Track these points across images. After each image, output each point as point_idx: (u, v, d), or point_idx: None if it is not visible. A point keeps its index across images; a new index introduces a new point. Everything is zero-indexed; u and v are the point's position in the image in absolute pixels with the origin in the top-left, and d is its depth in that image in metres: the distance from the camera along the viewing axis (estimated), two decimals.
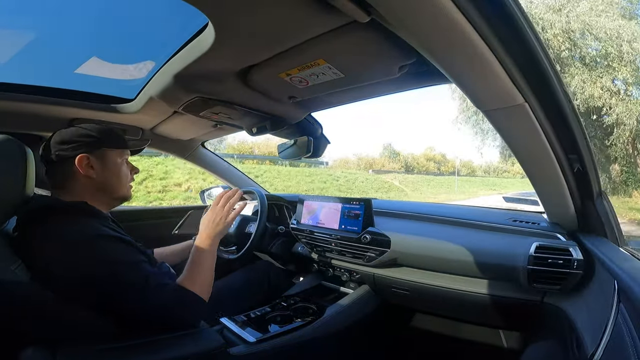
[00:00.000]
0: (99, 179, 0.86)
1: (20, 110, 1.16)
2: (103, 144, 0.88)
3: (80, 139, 0.84)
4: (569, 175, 0.82)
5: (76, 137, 0.84)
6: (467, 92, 0.67)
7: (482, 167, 37.00)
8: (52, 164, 0.83)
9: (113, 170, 0.90)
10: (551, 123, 0.68)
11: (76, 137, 0.84)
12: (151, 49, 1.00)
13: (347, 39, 0.67)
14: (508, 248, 0.99)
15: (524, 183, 18.10)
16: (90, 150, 0.85)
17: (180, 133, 1.59)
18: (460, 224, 1.19)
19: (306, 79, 0.87)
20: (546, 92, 0.62)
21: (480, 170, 35.90)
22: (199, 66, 0.84)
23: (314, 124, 1.35)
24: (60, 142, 0.83)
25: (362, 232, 1.22)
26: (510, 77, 0.58)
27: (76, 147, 0.83)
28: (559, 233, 0.98)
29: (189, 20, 0.77)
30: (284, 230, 1.58)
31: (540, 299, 0.96)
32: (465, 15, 0.46)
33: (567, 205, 0.91)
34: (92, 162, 0.85)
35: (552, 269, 0.89)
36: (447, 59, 0.58)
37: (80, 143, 0.84)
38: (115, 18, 0.98)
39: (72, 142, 0.83)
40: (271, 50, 0.76)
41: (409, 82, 0.91)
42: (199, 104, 1.07)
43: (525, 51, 0.54)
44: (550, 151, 0.74)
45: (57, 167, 0.84)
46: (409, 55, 0.72)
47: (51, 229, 0.74)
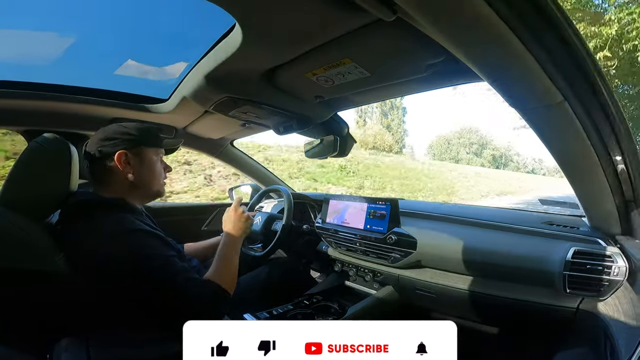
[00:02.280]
0: (135, 175, 0.91)
1: (66, 110, 1.24)
2: (141, 142, 0.92)
3: (121, 136, 0.90)
4: (611, 177, 0.76)
5: (117, 135, 0.90)
6: (501, 90, 0.64)
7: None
8: (94, 159, 0.89)
9: (149, 167, 0.94)
10: (593, 122, 0.64)
11: (117, 134, 0.90)
12: (183, 50, 1.05)
13: (373, 38, 0.66)
14: (542, 252, 0.95)
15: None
16: (129, 147, 0.90)
17: (210, 132, 1.64)
18: (490, 227, 1.14)
19: (332, 78, 0.87)
20: (587, 89, 0.58)
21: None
22: (227, 67, 0.86)
23: (339, 122, 1.35)
24: (102, 139, 0.89)
25: (388, 232, 1.21)
26: (547, 73, 0.54)
27: (116, 143, 0.88)
28: (599, 238, 0.92)
29: (218, 21, 0.80)
30: (309, 228, 1.59)
31: (577, 306, 0.91)
32: (495, 10, 0.44)
33: (609, 208, 0.85)
34: (129, 158, 0.90)
35: (590, 275, 0.84)
36: (478, 57, 0.56)
37: (120, 140, 0.89)
38: (150, 21, 1.03)
39: (113, 138, 0.89)
40: (297, 50, 0.77)
41: (438, 80, 0.88)
42: (228, 104, 1.10)
43: (562, 46, 0.51)
44: (592, 151, 0.69)
45: (98, 163, 0.89)
46: (438, 53, 0.70)
47: (91, 223, 0.79)
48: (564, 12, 0.48)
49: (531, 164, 53.17)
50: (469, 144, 46.83)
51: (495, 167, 41.14)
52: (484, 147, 47.74)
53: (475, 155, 45.88)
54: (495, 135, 61.20)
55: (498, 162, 47.10)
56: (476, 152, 46.64)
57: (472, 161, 42.36)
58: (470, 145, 46.76)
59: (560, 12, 0.47)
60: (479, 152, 46.81)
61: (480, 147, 47.36)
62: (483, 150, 47.23)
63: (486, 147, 47.90)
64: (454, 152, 45.43)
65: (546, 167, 50.84)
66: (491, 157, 46.79)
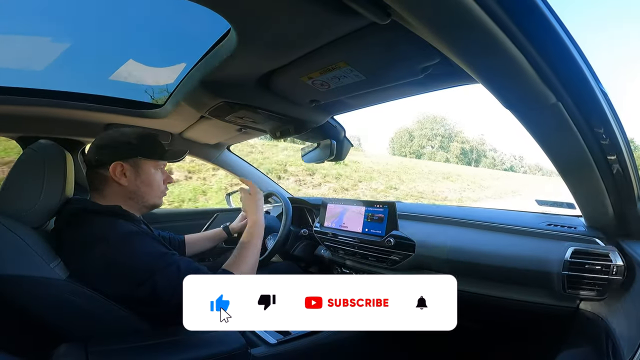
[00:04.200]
0: (130, 187, 0.88)
1: (60, 116, 1.24)
2: (139, 153, 0.89)
3: (118, 145, 0.87)
4: (607, 177, 0.77)
5: (114, 143, 0.87)
6: (495, 92, 0.64)
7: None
8: (91, 167, 0.87)
9: (145, 179, 0.91)
10: (588, 123, 0.64)
11: (114, 142, 0.88)
12: (178, 56, 1.04)
13: (367, 41, 0.66)
14: (541, 252, 0.95)
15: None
16: (125, 157, 0.87)
17: (207, 137, 1.64)
18: (488, 228, 1.14)
19: (328, 82, 0.87)
20: (581, 91, 0.58)
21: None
22: (223, 71, 0.86)
23: (336, 127, 1.36)
24: (99, 147, 0.87)
25: (386, 235, 1.20)
26: (540, 75, 0.55)
27: (113, 153, 0.86)
28: (597, 237, 0.93)
29: (213, 26, 0.80)
30: (307, 233, 1.58)
31: (576, 306, 0.91)
32: (488, 13, 0.45)
33: (606, 208, 0.85)
34: (125, 169, 0.87)
35: (589, 274, 0.85)
36: (471, 59, 0.56)
37: (116, 149, 0.87)
38: (145, 26, 1.03)
39: (110, 147, 0.87)
40: (292, 54, 0.77)
41: (434, 83, 0.89)
42: (224, 109, 1.09)
43: (556, 48, 0.51)
44: (587, 152, 0.70)
45: (95, 171, 0.87)
46: (432, 56, 0.70)
47: (87, 229, 0.78)
48: (556, 15, 0.48)
49: (509, 160, 50.39)
50: (432, 136, 43.11)
51: (465, 164, 38.17)
52: (450, 139, 43.64)
53: (442, 149, 42.33)
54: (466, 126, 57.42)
55: (469, 157, 43.69)
56: (442, 145, 42.82)
57: (435, 156, 39.61)
58: (434, 138, 42.90)
59: (553, 16, 0.48)
60: (445, 145, 42.99)
61: (447, 140, 43.32)
62: (450, 142, 43.37)
63: (453, 139, 43.75)
64: (416, 146, 42.00)
65: (527, 165, 49.44)
66: (460, 151, 42.95)
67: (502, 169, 41.96)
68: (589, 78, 0.56)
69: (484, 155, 46.60)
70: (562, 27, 0.49)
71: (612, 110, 0.63)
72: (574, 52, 0.52)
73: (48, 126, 1.28)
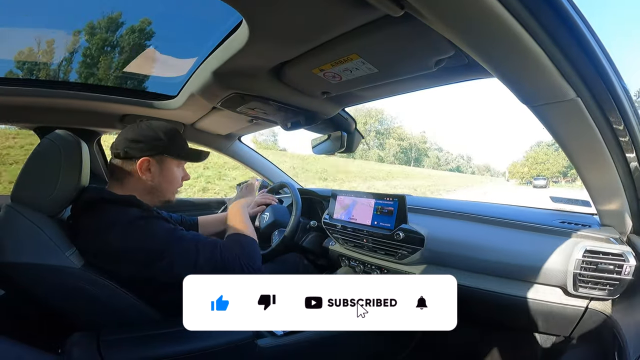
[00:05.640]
0: (152, 182, 0.91)
1: (77, 107, 1.26)
2: (167, 151, 0.91)
3: (148, 141, 0.89)
4: (624, 175, 0.75)
5: (145, 139, 0.89)
6: (511, 86, 0.62)
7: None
8: (117, 158, 0.89)
9: (167, 176, 0.93)
10: (607, 119, 0.62)
11: (145, 138, 0.89)
12: (191, 47, 1.05)
13: (380, 33, 0.65)
14: (552, 250, 0.93)
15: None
16: (153, 154, 0.89)
17: (218, 128, 1.65)
18: (500, 224, 1.13)
19: (339, 74, 0.87)
20: (601, 86, 0.56)
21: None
22: (234, 63, 0.86)
23: (347, 119, 1.35)
24: (130, 140, 0.88)
25: (395, 228, 1.20)
26: (559, 70, 0.53)
27: (143, 148, 0.88)
28: (611, 236, 0.90)
29: (225, 18, 0.80)
30: (316, 224, 1.59)
31: (586, 305, 0.90)
32: (504, 4, 0.43)
33: (622, 207, 0.84)
34: (151, 165, 0.89)
35: (601, 274, 0.83)
36: (487, 52, 0.55)
37: (147, 145, 0.88)
38: (157, 18, 1.03)
39: (141, 141, 0.88)
40: (304, 46, 0.77)
41: (447, 76, 0.87)
42: (235, 100, 1.10)
43: (575, 41, 0.49)
44: (605, 149, 0.68)
45: (121, 162, 0.89)
46: (446, 48, 0.69)
47: (102, 217, 0.80)
48: (576, 7, 0.46)
49: (456, 160, 47.93)
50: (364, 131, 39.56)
51: (404, 163, 36.46)
52: (387, 135, 41.22)
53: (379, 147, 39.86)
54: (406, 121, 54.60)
55: (408, 155, 41.38)
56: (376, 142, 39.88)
57: (367, 155, 37.18)
58: (367, 134, 39.82)
59: (572, 8, 0.46)
60: (381, 143, 40.52)
61: (382, 135, 40.80)
62: (386, 139, 40.99)
63: (389, 135, 41.36)
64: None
65: (475, 165, 47.03)
66: (398, 148, 40.50)
67: (447, 169, 40.54)
68: (610, 74, 0.54)
69: (425, 155, 44.95)
70: (583, 20, 0.48)
71: (633, 107, 0.61)
72: (595, 47, 0.50)
73: (65, 117, 1.31)
